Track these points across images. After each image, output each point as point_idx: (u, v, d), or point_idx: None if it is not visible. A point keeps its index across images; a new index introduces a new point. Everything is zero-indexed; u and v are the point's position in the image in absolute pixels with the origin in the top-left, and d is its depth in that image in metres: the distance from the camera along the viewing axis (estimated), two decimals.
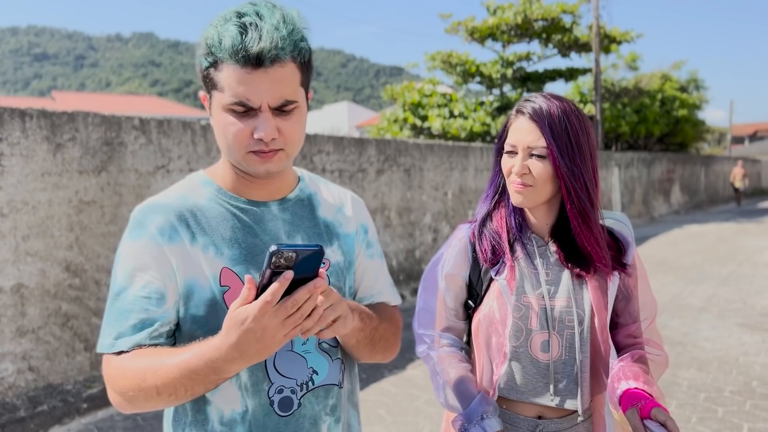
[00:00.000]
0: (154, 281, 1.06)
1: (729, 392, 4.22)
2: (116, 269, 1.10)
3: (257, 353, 0.92)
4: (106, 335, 1.07)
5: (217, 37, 1.01)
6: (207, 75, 1.06)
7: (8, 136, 3.91)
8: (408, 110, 17.05)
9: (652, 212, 18.68)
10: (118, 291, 1.07)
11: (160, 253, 1.07)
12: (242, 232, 1.12)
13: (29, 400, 3.99)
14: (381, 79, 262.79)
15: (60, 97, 35.02)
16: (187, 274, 1.08)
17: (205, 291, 1.08)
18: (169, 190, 1.16)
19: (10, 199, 3.92)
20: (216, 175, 1.18)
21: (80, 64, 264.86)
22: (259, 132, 1.03)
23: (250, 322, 0.89)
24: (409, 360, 5.04)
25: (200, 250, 1.09)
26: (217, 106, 1.06)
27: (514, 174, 1.36)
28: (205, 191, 1.15)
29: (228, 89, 1.02)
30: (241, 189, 1.16)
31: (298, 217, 1.21)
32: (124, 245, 1.10)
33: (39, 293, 4.07)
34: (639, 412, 1.16)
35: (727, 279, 8.29)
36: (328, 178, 6.72)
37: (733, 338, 5.49)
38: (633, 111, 19.95)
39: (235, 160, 1.10)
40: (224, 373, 0.96)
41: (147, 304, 1.06)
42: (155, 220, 1.09)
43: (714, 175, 26.00)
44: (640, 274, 1.48)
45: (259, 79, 1.01)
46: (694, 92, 25.85)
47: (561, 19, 16.63)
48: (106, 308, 1.10)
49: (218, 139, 1.10)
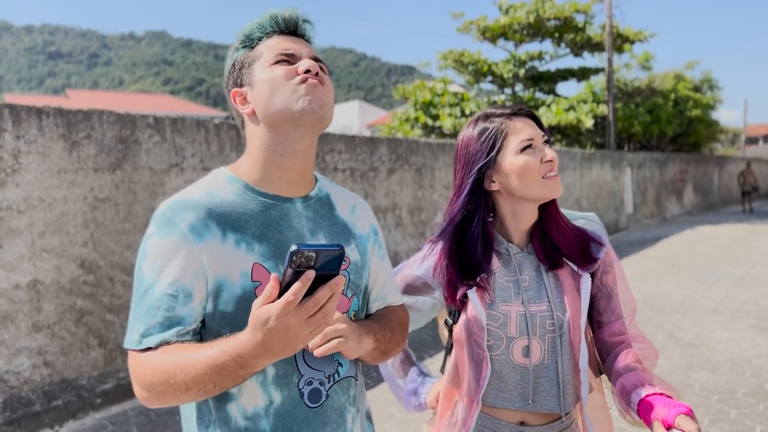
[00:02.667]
0: (182, 279, 1.07)
1: (742, 394, 4.20)
2: (142, 266, 1.09)
3: (282, 350, 0.94)
4: (133, 331, 1.07)
5: (255, 24, 1.18)
6: (244, 59, 1.17)
7: (25, 134, 3.96)
8: (419, 109, 17.04)
9: (664, 213, 18.56)
10: (147, 288, 1.07)
11: (190, 251, 1.07)
12: (270, 228, 1.14)
13: (44, 394, 4.04)
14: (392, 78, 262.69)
15: (74, 95, 35.31)
16: (219, 271, 1.08)
17: (235, 287, 1.09)
18: (193, 187, 1.17)
19: (27, 196, 3.97)
20: (241, 171, 1.19)
21: (94, 63, 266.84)
22: (302, 65, 1.13)
23: (273, 320, 0.91)
24: (420, 359, 5.06)
25: (232, 246, 1.10)
26: (260, 69, 1.15)
27: (547, 162, 1.37)
28: (232, 187, 1.16)
29: (269, 52, 1.15)
30: (267, 183, 1.17)
31: (320, 215, 1.23)
32: (151, 242, 1.09)
33: (54, 289, 4.12)
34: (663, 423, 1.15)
35: (740, 280, 8.22)
36: (340, 177, 6.74)
37: (746, 340, 5.45)
38: (646, 111, 19.81)
39: (285, 102, 1.12)
40: (252, 368, 0.98)
41: (174, 302, 1.06)
42: (186, 218, 1.09)
43: (727, 175, 25.78)
44: (618, 272, 1.48)
45: (295, 40, 1.18)
46: (708, 92, 25.63)
47: (574, 18, 16.56)
48: (133, 304, 1.10)
49: (265, 97, 1.13)
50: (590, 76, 18.72)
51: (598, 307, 1.46)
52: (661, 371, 4.63)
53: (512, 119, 1.41)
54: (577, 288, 1.41)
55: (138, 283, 1.10)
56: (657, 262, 9.97)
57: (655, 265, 9.74)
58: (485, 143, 1.41)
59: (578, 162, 13.31)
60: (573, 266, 1.42)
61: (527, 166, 1.37)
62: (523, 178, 1.38)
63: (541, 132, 1.41)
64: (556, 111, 16.11)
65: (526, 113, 1.42)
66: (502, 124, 1.40)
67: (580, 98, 17.65)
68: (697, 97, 22.76)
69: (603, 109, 16.78)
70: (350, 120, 38.51)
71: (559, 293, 1.41)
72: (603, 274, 1.46)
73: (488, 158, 1.40)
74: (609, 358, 1.42)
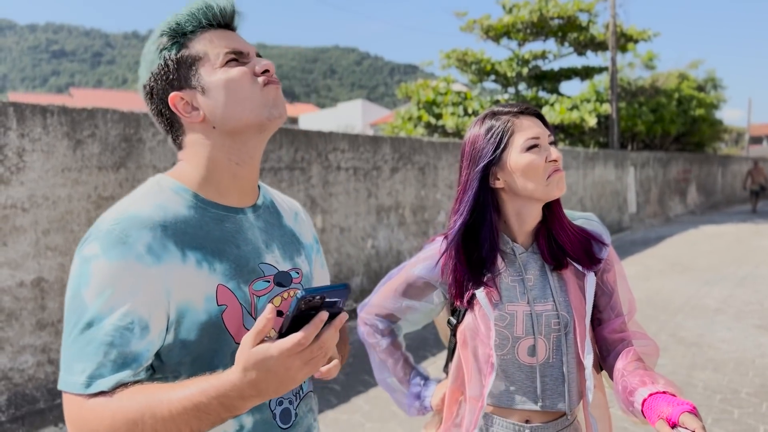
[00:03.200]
0: (138, 309, 0.93)
1: (745, 394, 4.19)
2: (82, 292, 0.92)
3: (275, 392, 0.86)
4: (75, 372, 0.91)
5: (185, 15, 1.03)
6: (183, 58, 1.03)
7: (30, 132, 3.97)
8: (422, 108, 17.03)
9: (667, 212, 18.53)
10: (91, 320, 0.91)
11: (147, 276, 0.93)
12: (227, 244, 1.03)
13: (48, 392, 4.05)
14: (395, 77, 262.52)
15: (78, 94, 35.39)
16: (181, 297, 0.96)
17: (199, 313, 0.97)
18: (137, 199, 1.02)
19: (31, 194, 3.99)
20: (187, 180, 1.07)
21: (97, 61, 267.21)
22: (260, 65, 1.04)
23: (274, 362, 0.83)
24: (423, 358, 5.06)
25: (194, 267, 0.98)
26: (210, 72, 1.02)
27: (551, 162, 1.38)
28: (182, 199, 1.04)
29: (215, 49, 1.03)
30: (218, 194, 1.07)
31: (270, 225, 1.15)
32: (96, 265, 0.93)
33: (58, 287, 4.14)
34: (667, 421, 1.15)
35: (743, 280, 8.21)
36: (343, 176, 6.74)
37: (750, 340, 5.44)
38: (649, 110, 19.77)
39: (248, 110, 1.03)
40: (238, 410, 0.88)
41: (129, 336, 0.92)
42: (141, 237, 0.94)
43: (731, 175, 25.72)
44: (618, 271, 1.49)
45: (234, 35, 1.07)
46: (712, 91, 25.56)
47: (577, 17, 16.53)
48: (68, 340, 0.93)
49: (222, 104, 1.02)
50: (594, 76, 18.68)
51: (598, 305, 1.47)
52: (664, 371, 4.62)
53: (519, 117, 1.41)
54: (581, 287, 1.42)
55: (76, 314, 0.93)
56: (660, 262, 9.96)
57: (659, 264, 9.72)
58: (491, 140, 1.41)
59: (581, 161, 13.30)
60: (577, 266, 1.43)
61: (532, 165, 1.37)
62: (527, 176, 1.38)
63: (548, 132, 1.41)
64: (560, 110, 16.09)
65: (533, 112, 1.42)
66: (508, 122, 1.41)
67: (583, 97, 17.63)
68: (701, 96, 22.70)
69: (606, 109, 16.75)
70: (353, 119, 38.51)
71: (564, 292, 1.41)
72: (604, 273, 1.46)
73: (494, 155, 1.40)
74: (610, 356, 1.42)
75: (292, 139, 6.08)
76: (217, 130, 1.04)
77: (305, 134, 6.30)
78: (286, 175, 5.98)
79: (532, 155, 1.38)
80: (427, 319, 1.61)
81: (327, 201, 6.50)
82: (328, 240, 6.51)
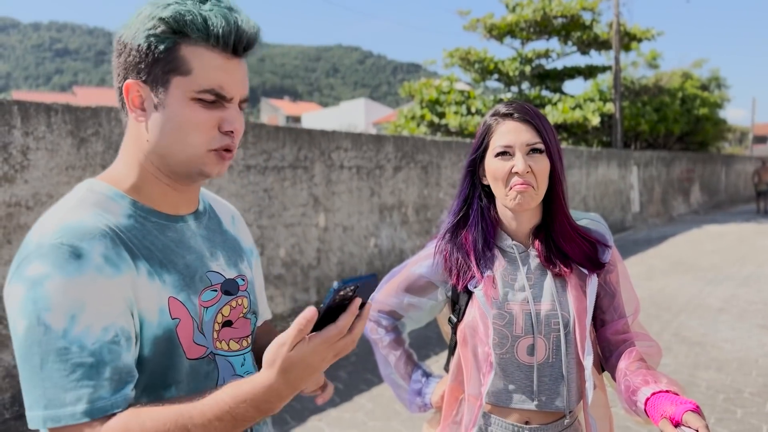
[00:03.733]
0: (116, 320, 0.86)
1: (748, 393, 4.19)
2: (44, 318, 0.82)
3: (304, 383, 0.86)
4: (67, 403, 0.82)
5: (200, 17, 0.90)
6: (163, 56, 0.91)
7: (34, 131, 3.98)
8: (425, 107, 17.04)
9: (671, 212, 18.50)
10: (67, 344, 0.82)
11: (112, 287, 0.87)
12: (173, 253, 0.97)
13: None
14: (398, 75, 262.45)
15: (81, 93, 35.48)
16: (140, 309, 0.90)
17: (153, 327, 0.91)
18: (71, 208, 0.92)
19: (35, 192, 4.00)
20: (121, 184, 0.98)
21: (101, 60, 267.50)
22: (230, 124, 0.94)
23: (314, 356, 0.83)
24: (425, 356, 5.06)
25: (146, 278, 0.91)
26: (178, 95, 0.91)
27: (515, 174, 1.34)
28: (120, 207, 0.95)
29: (200, 75, 0.91)
30: (157, 201, 0.99)
31: (212, 231, 1.09)
32: (51, 285, 0.83)
33: None
34: (670, 420, 1.15)
35: (747, 280, 8.19)
36: (346, 175, 6.75)
37: (753, 339, 5.44)
38: (653, 109, 19.73)
39: (185, 159, 0.94)
40: (272, 411, 0.86)
41: (118, 350, 0.86)
42: (95, 248, 0.86)
43: (735, 174, 25.66)
44: (621, 271, 1.48)
45: (235, 68, 0.94)
46: (716, 90, 25.51)
47: (581, 16, 16.51)
48: (42, 373, 0.82)
49: (166, 134, 0.93)
50: (597, 75, 18.66)
51: (601, 306, 1.46)
52: (667, 370, 4.62)
53: (505, 120, 1.39)
54: (582, 288, 1.41)
55: (43, 344, 0.82)
56: (663, 261, 9.94)
57: (662, 264, 9.71)
58: (478, 138, 1.43)
59: (585, 160, 13.28)
60: (580, 268, 1.42)
61: (494, 173, 1.37)
62: (493, 183, 1.39)
63: (536, 140, 1.36)
64: (563, 109, 16.07)
65: (523, 118, 1.37)
66: (493, 123, 1.40)
67: (586, 96, 17.61)
68: (705, 95, 22.65)
69: (610, 108, 16.73)
70: (356, 118, 38.53)
71: (564, 292, 1.41)
72: (606, 273, 1.46)
73: (476, 154, 1.43)
74: (613, 356, 1.42)
75: (295, 138, 6.08)
76: (150, 145, 0.95)
77: (308, 133, 6.30)
78: (289, 174, 5.98)
79: (498, 162, 1.37)
80: (429, 316, 1.61)
81: (330, 200, 6.51)
82: (330, 239, 6.51)
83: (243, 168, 5.48)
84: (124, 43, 0.93)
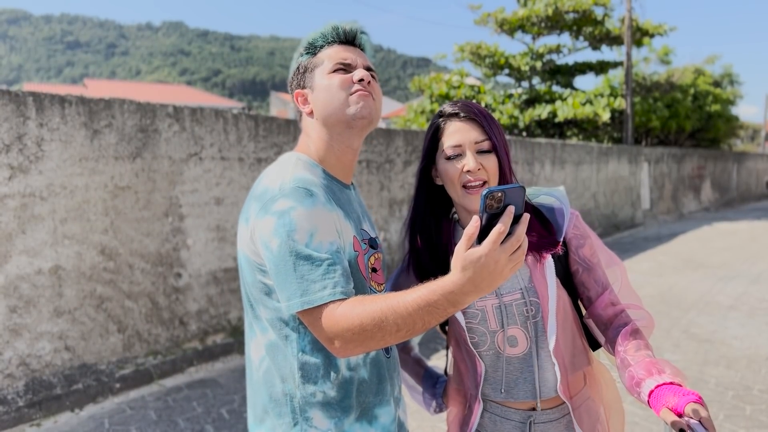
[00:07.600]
0: (336, 239, 1.19)
1: (757, 390, 4.18)
2: (294, 236, 1.14)
3: (488, 286, 1.03)
4: (316, 290, 1.12)
5: (319, 33, 1.34)
6: (307, 64, 1.33)
7: (48, 122, 4.02)
8: (435, 102, 16.99)
9: (681, 209, 18.40)
10: (311, 253, 1.14)
11: (332, 217, 1.20)
12: (349, 208, 1.31)
13: (65, 378, 4.12)
14: (408, 70, 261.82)
15: (92, 85, 35.60)
16: (342, 239, 1.23)
17: (346, 255, 1.22)
18: (292, 166, 1.26)
19: (50, 183, 4.04)
20: (315, 157, 1.33)
21: (111, 53, 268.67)
22: (357, 75, 1.28)
23: (486, 258, 0.99)
24: (434, 350, 5.08)
25: (343, 218, 1.25)
26: (321, 76, 1.30)
27: (466, 173, 1.35)
28: (318, 171, 1.29)
29: (329, 60, 1.30)
30: (335, 170, 1.33)
31: (359, 202, 1.41)
32: (296, 213, 1.16)
33: (75, 275, 4.19)
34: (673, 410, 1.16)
35: (758, 277, 8.15)
36: (356, 169, 6.76)
37: (763, 337, 5.42)
38: (664, 106, 19.61)
39: (340, 107, 1.27)
40: (460, 305, 1.06)
41: (342, 257, 1.18)
42: (319, 192, 1.21)
43: (746, 172, 25.47)
44: (595, 242, 1.48)
45: (353, 50, 1.34)
46: (728, 87, 25.32)
47: (592, 11, 16.41)
48: (297, 273, 1.14)
49: (323, 103, 1.29)
50: (608, 70, 18.55)
51: (583, 283, 1.46)
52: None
53: (452, 120, 1.39)
54: (543, 272, 1.41)
55: (294, 253, 1.14)
56: (673, 258, 9.90)
57: (672, 260, 9.67)
58: (427, 140, 1.44)
59: (595, 156, 13.23)
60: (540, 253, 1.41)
61: (448, 174, 1.38)
62: (447, 184, 1.39)
63: (484, 137, 1.37)
64: (573, 104, 16.00)
65: (469, 117, 1.38)
66: (441, 123, 1.41)
67: (597, 92, 17.52)
68: (717, 92, 22.48)
69: (621, 103, 16.63)
70: None
71: (530, 279, 1.41)
72: (578, 248, 1.45)
73: (427, 159, 1.44)
74: (609, 330, 1.42)
75: None
76: (319, 122, 1.31)
77: None
78: None
79: (449, 164, 1.37)
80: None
81: None
82: None
83: (254, 161, 5.50)
84: (291, 80, 1.39)
